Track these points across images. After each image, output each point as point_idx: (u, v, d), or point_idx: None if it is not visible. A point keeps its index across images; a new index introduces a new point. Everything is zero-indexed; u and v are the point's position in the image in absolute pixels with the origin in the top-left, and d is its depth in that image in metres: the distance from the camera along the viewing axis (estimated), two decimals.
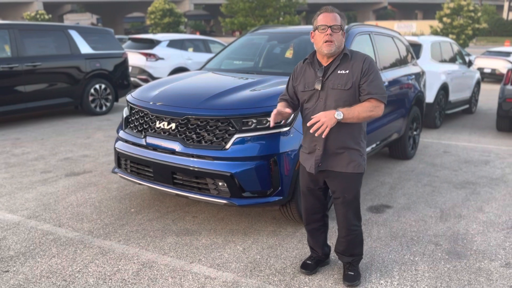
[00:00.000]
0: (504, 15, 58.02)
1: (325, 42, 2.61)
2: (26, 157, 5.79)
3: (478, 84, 10.10)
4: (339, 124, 2.57)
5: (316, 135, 2.52)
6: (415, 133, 6.13)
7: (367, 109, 2.59)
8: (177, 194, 3.58)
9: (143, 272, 3.03)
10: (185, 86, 3.99)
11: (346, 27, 4.75)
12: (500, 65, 15.78)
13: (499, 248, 3.47)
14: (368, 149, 4.76)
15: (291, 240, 3.53)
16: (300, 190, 3.49)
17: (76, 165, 5.45)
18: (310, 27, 5.48)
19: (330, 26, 2.60)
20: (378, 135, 4.91)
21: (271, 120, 2.67)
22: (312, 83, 2.71)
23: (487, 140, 7.34)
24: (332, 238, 3.46)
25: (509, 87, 7.47)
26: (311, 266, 3.06)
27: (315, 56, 2.78)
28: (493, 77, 16.14)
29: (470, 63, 9.64)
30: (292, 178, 3.41)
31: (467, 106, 9.67)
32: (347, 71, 2.65)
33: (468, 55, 11.14)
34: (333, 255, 3.23)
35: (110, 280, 2.93)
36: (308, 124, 2.56)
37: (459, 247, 3.48)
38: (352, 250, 2.92)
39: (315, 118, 2.51)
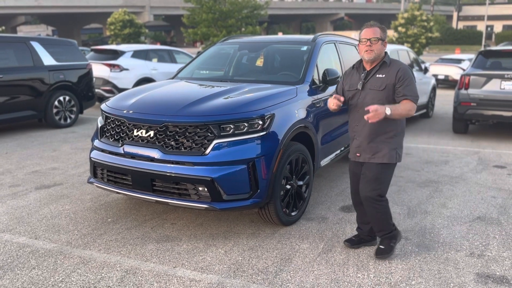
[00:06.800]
0: (454, 25, 61.07)
1: (365, 51, 3.19)
2: None
3: (434, 89, 10.64)
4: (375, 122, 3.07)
5: (365, 118, 3.01)
6: None
7: (407, 109, 3.11)
8: (156, 201, 3.62)
9: (128, 279, 3.06)
10: (162, 94, 4.05)
11: (313, 36, 4.98)
12: (453, 72, 16.65)
13: (463, 239, 3.72)
14: (337, 151, 4.98)
15: (270, 241, 3.64)
16: (277, 192, 3.65)
17: (46, 178, 5.35)
18: (279, 36, 5.70)
19: (369, 39, 3.17)
20: (347, 138, 5.13)
21: (334, 103, 3.20)
22: (356, 84, 3.29)
23: (444, 141, 7.77)
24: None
25: (463, 91, 7.92)
26: (354, 241, 3.54)
27: (361, 63, 3.35)
28: (447, 83, 16.99)
29: (426, 70, 10.15)
30: (269, 181, 3.54)
31: (424, 110, 10.15)
32: (384, 76, 3.20)
33: (423, 62, 11.75)
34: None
35: None
36: (366, 109, 3.04)
37: (427, 240, 3.70)
38: (379, 225, 3.33)
39: (372, 107, 2.97)
